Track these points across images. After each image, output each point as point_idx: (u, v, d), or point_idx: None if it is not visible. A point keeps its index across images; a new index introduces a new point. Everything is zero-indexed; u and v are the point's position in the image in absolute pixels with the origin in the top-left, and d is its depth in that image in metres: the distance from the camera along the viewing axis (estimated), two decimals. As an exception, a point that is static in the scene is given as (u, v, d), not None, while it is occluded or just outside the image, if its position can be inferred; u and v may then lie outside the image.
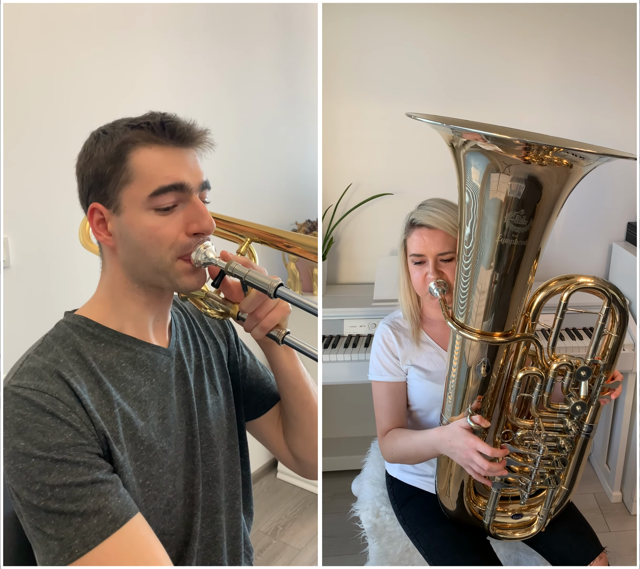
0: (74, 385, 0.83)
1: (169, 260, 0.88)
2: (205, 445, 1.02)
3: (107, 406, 0.86)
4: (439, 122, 0.98)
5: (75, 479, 0.76)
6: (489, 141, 0.94)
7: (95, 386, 0.86)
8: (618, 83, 2.06)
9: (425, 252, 1.32)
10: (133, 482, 0.87)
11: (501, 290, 1.07)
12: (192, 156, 0.89)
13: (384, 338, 1.45)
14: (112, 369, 0.90)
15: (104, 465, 0.81)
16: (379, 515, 1.52)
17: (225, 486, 1.07)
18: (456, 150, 1.03)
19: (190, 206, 0.88)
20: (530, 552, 1.47)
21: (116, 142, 0.86)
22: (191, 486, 0.99)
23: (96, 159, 0.86)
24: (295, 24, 2.51)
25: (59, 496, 0.75)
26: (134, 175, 0.85)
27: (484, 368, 1.15)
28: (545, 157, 0.92)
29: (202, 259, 0.89)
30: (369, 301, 2.01)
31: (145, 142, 0.86)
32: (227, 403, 1.10)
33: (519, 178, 0.96)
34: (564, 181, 0.97)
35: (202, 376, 1.06)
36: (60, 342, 0.89)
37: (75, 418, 0.80)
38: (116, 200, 0.86)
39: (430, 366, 1.40)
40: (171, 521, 0.95)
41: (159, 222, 0.86)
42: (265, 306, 0.96)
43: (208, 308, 1.03)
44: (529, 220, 1.00)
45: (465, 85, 2.06)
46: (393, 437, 1.38)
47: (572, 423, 1.17)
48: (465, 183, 1.04)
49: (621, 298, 1.12)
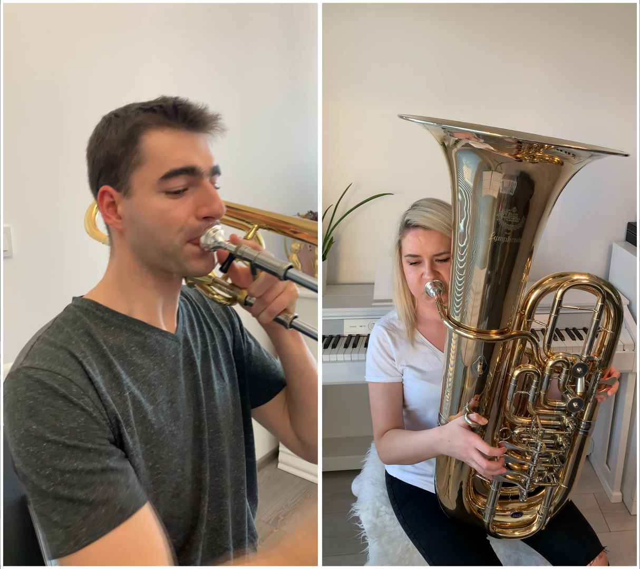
0: (86, 366, 0.83)
1: (177, 243, 0.88)
2: (212, 430, 1.03)
3: (118, 389, 0.86)
4: (430, 122, 0.99)
5: (86, 465, 0.76)
6: (480, 139, 0.94)
7: (106, 369, 0.86)
8: (618, 83, 2.06)
9: (421, 252, 1.32)
10: (142, 465, 0.87)
11: (496, 288, 1.08)
12: (203, 140, 0.90)
13: (379, 339, 1.45)
14: (122, 352, 0.90)
15: (114, 451, 0.81)
16: (379, 515, 1.52)
17: (230, 471, 1.07)
18: (448, 149, 1.03)
19: (201, 190, 0.88)
20: (530, 552, 1.46)
21: (128, 124, 0.87)
22: (198, 471, 0.99)
23: (108, 142, 0.87)
24: (296, 21, 2.52)
25: (69, 481, 0.75)
26: (145, 158, 0.85)
27: (480, 366, 1.15)
28: (536, 155, 0.92)
29: (212, 243, 0.89)
30: (369, 301, 2.01)
31: (157, 124, 0.86)
32: (232, 389, 1.11)
33: (510, 176, 0.96)
34: (555, 178, 0.97)
35: (209, 362, 1.06)
36: (71, 324, 0.89)
37: (87, 402, 0.80)
38: (127, 182, 0.87)
39: (425, 367, 1.41)
40: (179, 504, 0.95)
41: (169, 205, 0.86)
42: (274, 290, 0.97)
43: (215, 293, 1.03)
44: (521, 218, 1.00)
45: (465, 84, 2.06)
46: (390, 438, 1.38)
47: (569, 420, 1.17)
48: (458, 182, 1.04)
49: (615, 295, 1.12)
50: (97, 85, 1.86)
